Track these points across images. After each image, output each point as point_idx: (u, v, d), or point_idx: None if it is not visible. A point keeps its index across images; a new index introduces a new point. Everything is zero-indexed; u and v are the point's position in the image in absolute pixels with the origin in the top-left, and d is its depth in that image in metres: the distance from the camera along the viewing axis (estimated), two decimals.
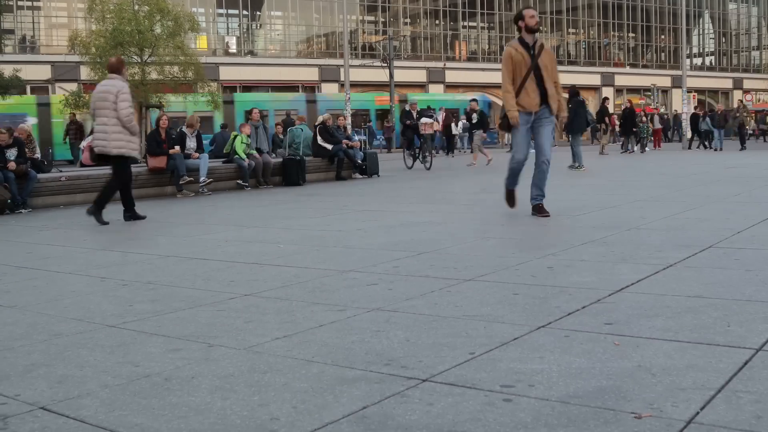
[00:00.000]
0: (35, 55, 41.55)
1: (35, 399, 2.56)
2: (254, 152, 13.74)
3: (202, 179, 12.43)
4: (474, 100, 21.33)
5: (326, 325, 3.42)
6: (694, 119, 29.79)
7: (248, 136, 13.74)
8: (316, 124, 16.30)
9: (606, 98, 26.43)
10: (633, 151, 24.00)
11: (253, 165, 13.43)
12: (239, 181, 13.35)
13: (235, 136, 13.74)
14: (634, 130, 25.05)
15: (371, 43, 51.73)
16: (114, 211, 10.00)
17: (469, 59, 55.96)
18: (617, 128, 28.84)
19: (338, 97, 36.03)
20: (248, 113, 15.07)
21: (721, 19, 67.20)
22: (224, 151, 13.85)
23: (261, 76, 46.79)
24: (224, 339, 3.25)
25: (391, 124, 40.10)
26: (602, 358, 2.76)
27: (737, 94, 63.36)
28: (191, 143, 12.90)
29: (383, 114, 43.16)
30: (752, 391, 2.35)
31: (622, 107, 27.03)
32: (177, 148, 12.30)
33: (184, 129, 13.26)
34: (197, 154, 12.66)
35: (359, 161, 15.68)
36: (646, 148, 26.48)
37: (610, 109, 27.95)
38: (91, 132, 17.88)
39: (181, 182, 12.20)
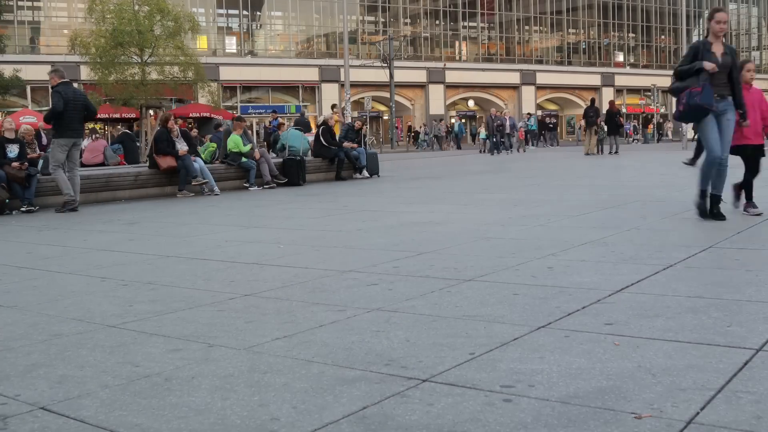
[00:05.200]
0: (35, 55, 41.56)
1: (35, 399, 2.56)
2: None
3: (212, 184, 12.42)
4: None
5: (326, 325, 3.42)
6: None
7: (241, 135, 13.72)
8: (319, 125, 16.30)
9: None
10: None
11: (255, 165, 13.43)
12: (245, 183, 13.33)
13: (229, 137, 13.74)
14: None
15: (371, 44, 51.70)
16: (114, 210, 10.00)
17: (469, 59, 55.96)
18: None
19: None
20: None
21: None
22: (228, 150, 13.77)
23: (261, 77, 46.82)
24: (224, 339, 3.25)
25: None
26: (602, 358, 2.76)
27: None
28: (180, 145, 12.81)
29: None
30: (752, 392, 2.35)
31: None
32: (185, 149, 12.30)
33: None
34: (194, 157, 12.62)
35: (362, 164, 15.64)
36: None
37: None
38: (91, 132, 17.89)
39: (194, 183, 12.18)
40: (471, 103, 58.01)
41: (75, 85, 36.99)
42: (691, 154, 11.49)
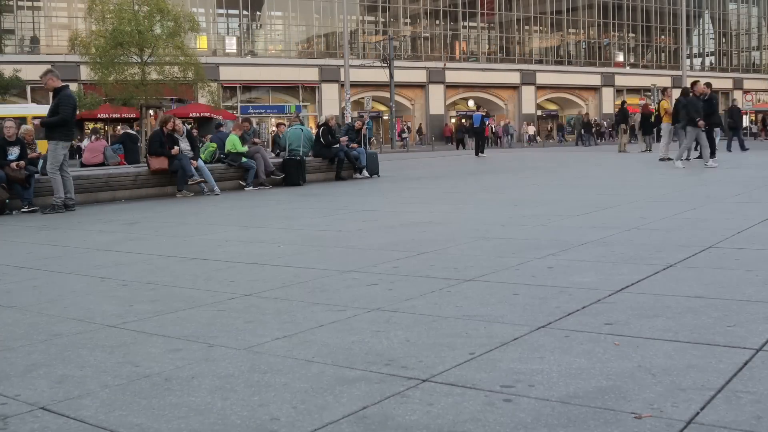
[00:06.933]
0: (35, 55, 41.56)
1: (35, 399, 2.56)
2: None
3: (212, 184, 12.41)
4: None
5: (326, 325, 3.42)
6: None
7: (241, 136, 13.74)
8: (319, 124, 16.31)
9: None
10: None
11: (254, 165, 13.44)
12: (241, 182, 13.34)
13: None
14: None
15: (369, 44, 51.73)
16: (114, 210, 10.00)
17: (469, 59, 55.97)
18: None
19: None
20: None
21: (721, 20, 67.21)
22: (226, 151, 13.78)
23: (261, 76, 46.81)
24: (224, 339, 3.25)
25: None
26: (602, 358, 2.76)
27: (737, 95, 63.46)
28: (184, 144, 12.80)
29: None
30: (752, 392, 2.35)
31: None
32: (177, 148, 12.28)
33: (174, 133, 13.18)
34: (196, 163, 12.59)
35: (362, 164, 15.64)
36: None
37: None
38: (92, 132, 17.89)
39: (190, 183, 12.18)
40: (471, 103, 57.97)
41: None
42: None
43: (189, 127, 16.71)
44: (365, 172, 15.63)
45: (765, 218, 6.48)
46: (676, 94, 19.61)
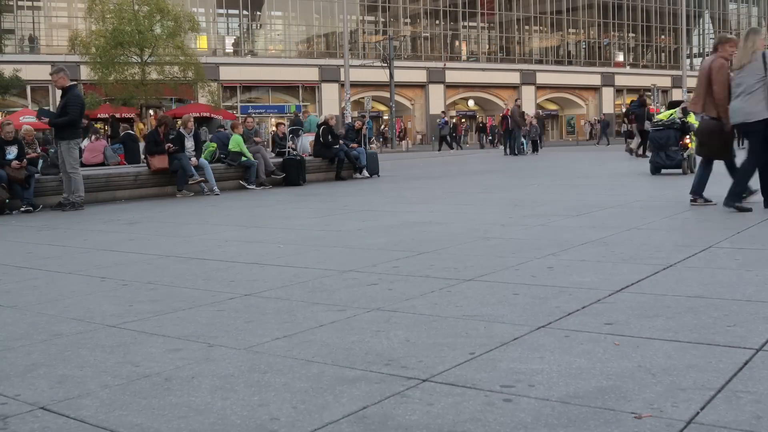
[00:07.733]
0: (35, 55, 41.57)
1: (35, 399, 2.56)
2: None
3: (212, 184, 12.41)
4: None
5: (326, 325, 3.42)
6: None
7: (241, 135, 13.76)
8: (320, 124, 16.31)
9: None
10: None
11: (255, 163, 13.45)
12: (242, 182, 13.34)
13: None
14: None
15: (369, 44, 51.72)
16: (114, 210, 9.99)
17: (469, 59, 55.97)
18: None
19: None
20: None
21: (721, 19, 67.20)
22: (229, 150, 13.77)
23: (261, 76, 46.81)
24: (224, 339, 3.25)
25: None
26: (602, 358, 2.76)
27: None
28: (189, 143, 12.86)
29: None
30: (752, 391, 2.35)
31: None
32: (170, 146, 12.26)
33: (182, 130, 13.23)
34: (196, 161, 12.60)
35: (362, 164, 15.65)
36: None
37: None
38: (92, 132, 17.86)
39: (191, 182, 12.17)
40: (471, 102, 58.02)
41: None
42: None
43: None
44: (365, 172, 15.63)
45: (764, 218, 6.48)
46: (677, 94, 19.59)
